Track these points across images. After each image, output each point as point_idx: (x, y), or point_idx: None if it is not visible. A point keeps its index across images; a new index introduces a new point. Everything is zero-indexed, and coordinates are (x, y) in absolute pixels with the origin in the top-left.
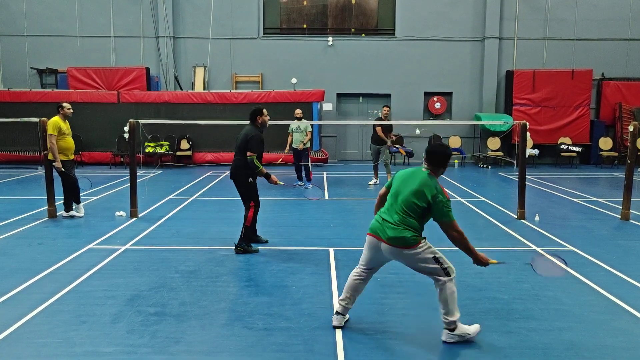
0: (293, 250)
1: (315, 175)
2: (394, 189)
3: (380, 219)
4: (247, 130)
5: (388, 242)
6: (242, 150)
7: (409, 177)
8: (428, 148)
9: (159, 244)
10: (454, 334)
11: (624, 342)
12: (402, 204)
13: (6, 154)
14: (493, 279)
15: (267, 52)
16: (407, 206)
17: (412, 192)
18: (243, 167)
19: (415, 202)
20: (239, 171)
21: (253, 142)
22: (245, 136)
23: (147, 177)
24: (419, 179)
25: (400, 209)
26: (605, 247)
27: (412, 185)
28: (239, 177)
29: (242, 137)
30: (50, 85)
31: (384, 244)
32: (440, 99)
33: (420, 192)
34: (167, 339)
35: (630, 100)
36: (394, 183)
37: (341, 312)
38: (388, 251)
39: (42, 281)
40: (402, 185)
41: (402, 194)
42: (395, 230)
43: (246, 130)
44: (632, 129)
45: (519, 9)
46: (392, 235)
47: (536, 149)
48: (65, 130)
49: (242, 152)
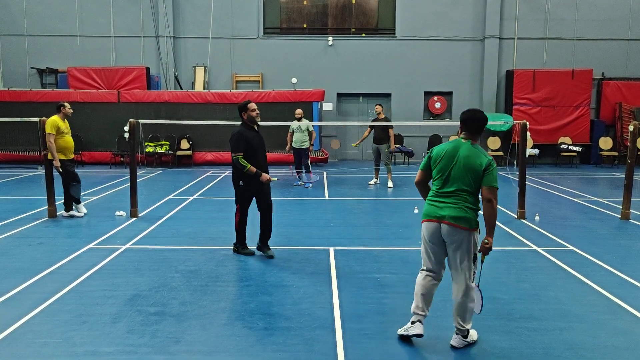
0: (293, 250)
1: (315, 175)
2: (439, 169)
3: (435, 202)
4: (233, 129)
5: (449, 221)
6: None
7: (451, 153)
8: (465, 116)
9: (159, 243)
10: (465, 340)
11: (625, 342)
12: (457, 182)
13: (6, 154)
14: (493, 278)
15: (267, 51)
16: (463, 182)
17: (465, 167)
18: (234, 168)
19: (471, 175)
20: (232, 172)
21: (232, 141)
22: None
23: (147, 177)
24: (466, 152)
25: (457, 187)
26: (605, 247)
27: (461, 160)
28: (232, 179)
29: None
30: (51, 85)
31: (444, 224)
32: (440, 99)
33: (473, 164)
34: (167, 339)
35: (630, 100)
36: (438, 164)
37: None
38: (446, 232)
39: (42, 281)
40: (448, 163)
41: (454, 171)
42: (457, 210)
43: (233, 129)
44: (632, 128)
45: (519, 8)
46: (454, 214)
47: (536, 148)
48: (64, 129)
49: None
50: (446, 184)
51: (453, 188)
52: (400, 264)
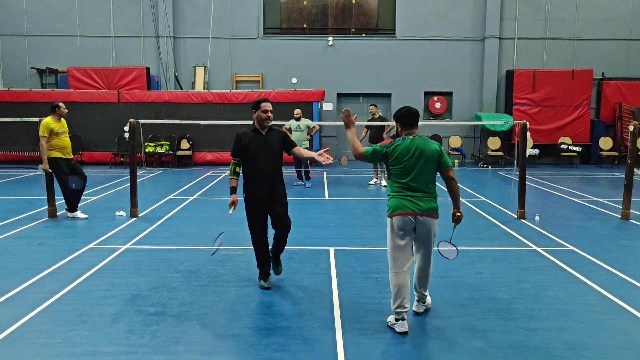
0: (293, 250)
1: (315, 175)
2: (405, 166)
3: (405, 197)
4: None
5: (425, 213)
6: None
7: (408, 149)
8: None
9: (159, 243)
10: (425, 305)
11: (625, 342)
12: (422, 176)
13: (6, 154)
14: (493, 278)
15: (268, 51)
16: (427, 175)
17: (427, 158)
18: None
19: (432, 166)
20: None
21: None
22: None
23: (147, 177)
24: (422, 146)
25: (422, 181)
26: (605, 246)
27: (421, 155)
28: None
29: None
30: (51, 85)
31: (420, 217)
32: (440, 99)
33: (432, 152)
34: (167, 339)
35: (630, 100)
36: (400, 163)
37: (403, 319)
38: (423, 224)
39: (42, 281)
40: (409, 160)
41: (417, 166)
42: (429, 203)
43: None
44: (632, 128)
45: (519, 8)
46: (427, 207)
47: (536, 148)
48: (58, 129)
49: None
50: (413, 180)
51: (421, 182)
52: None
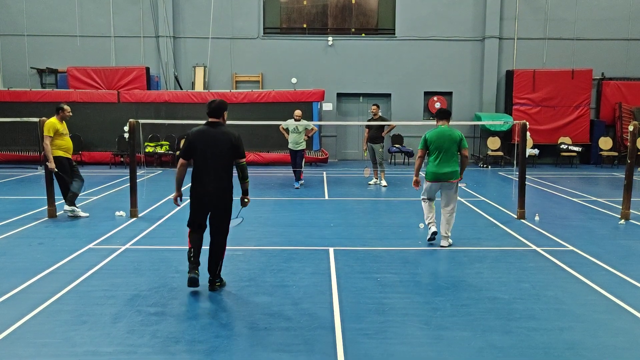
0: (293, 250)
1: (315, 174)
2: (435, 146)
3: (436, 168)
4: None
5: (449, 178)
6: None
7: (441, 135)
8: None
9: (159, 243)
10: (449, 241)
11: (624, 342)
12: (449, 152)
13: (6, 154)
14: (494, 278)
15: (267, 51)
16: (452, 152)
17: (452, 142)
18: (230, 183)
19: (454, 147)
20: (227, 194)
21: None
22: (229, 140)
23: (147, 177)
24: (449, 133)
25: (449, 156)
26: (605, 247)
27: (449, 138)
28: (227, 195)
29: (224, 143)
30: (50, 85)
31: (445, 182)
32: (440, 99)
33: (455, 140)
34: (167, 339)
35: (630, 100)
36: (433, 144)
37: (434, 225)
38: (449, 185)
39: (42, 281)
40: (440, 142)
41: (444, 146)
42: (453, 167)
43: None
44: (632, 128)
45: (519, 8)
46: (452, 170)
47: (536, 148)
48: (62, 131)
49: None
50: (441, 155)
51: (448, 157)
52: (400, 264)
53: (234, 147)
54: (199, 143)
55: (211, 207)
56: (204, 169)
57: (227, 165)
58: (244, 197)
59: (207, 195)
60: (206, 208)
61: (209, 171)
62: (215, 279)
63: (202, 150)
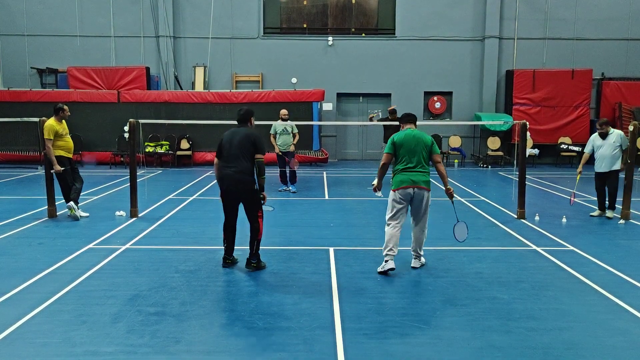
0: (293, 250)
1: (315, 175)
2: (406, 150)
3: (407, 174)
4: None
5: (422, 186)
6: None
7: (411, 138)
8: (408, 114)
9: (159, 243)
10: (420, 262)
11: (624, 342)
12: (419, 158)
13: (6, 154)
14: (493, 278)
15: (267, 51)
16: (423, 158)
17: (423, 147)
18: (251, 172)
19: (424, 151)
20: (247, 178)
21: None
22: (248, 136)
23: (147, 177)
24: (418, 137)
25: (418, 161)
26: (605, 247)
27: (419, 143)
28: (246, 178)
29: (244, 137)
30: (50, 85)
31: (416, 189)
32: (440, 99)
33: (426, 143)
34: (167, 339)
35: (630, 100)
36: (403, 147)
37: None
38: (419, 195)
39: (42, 281)
40: (410, 145)
41: (415, 151)
42: (424, 176)
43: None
44: (632, 128)
45: (519, 8)
46: (424, 179)
47: (536, 148)
48: (62, 131)
49: (250, 155)
50: (412, 161)
51: (417, 163)
52: (400, 264)
53: (252, 142)
54: (225, 139)
55: (232, 190)
56: (227, 157)
57: (247, 154)
58: (259, 192)
59: (227, 177)
60: (230, 195)
61: (230, 159)
62: (252, 258)
63: (228, 142)
